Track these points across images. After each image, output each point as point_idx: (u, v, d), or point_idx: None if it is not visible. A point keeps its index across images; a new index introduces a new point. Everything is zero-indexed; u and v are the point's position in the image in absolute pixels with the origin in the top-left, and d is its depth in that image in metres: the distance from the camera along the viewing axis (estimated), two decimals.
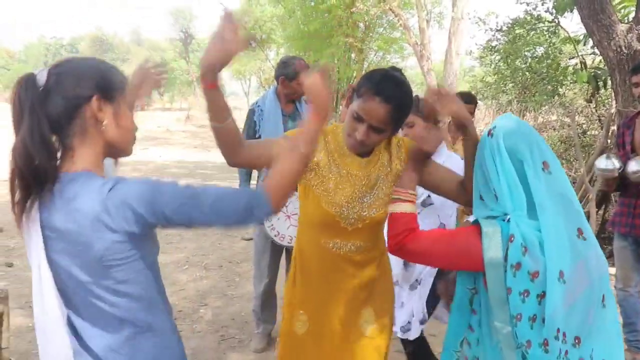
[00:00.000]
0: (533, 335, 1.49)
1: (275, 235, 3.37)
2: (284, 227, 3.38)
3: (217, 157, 13.47)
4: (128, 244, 1.27)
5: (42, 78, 1.25)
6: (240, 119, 4.20)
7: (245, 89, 55.01)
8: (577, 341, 1.50)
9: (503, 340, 1.54)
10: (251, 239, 5.13)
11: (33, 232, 1.26)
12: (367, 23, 17.66)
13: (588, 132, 7.63)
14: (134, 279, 1.32)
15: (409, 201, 1.74)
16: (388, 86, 1.72)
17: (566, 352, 1.49)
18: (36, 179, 1.23)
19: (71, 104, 1.26)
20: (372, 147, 1.86)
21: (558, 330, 1.47)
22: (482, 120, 11.08)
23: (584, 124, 7.83)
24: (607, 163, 3.46)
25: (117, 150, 1.39)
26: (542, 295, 1.48)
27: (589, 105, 7.55)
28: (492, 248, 1.50)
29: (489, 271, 1.51)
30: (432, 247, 1.64)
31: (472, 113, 4.44)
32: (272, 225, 3.37)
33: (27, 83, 1.24)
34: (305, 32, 17.57)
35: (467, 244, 1.57)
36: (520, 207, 1.53)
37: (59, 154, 1.29)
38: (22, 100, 1.23)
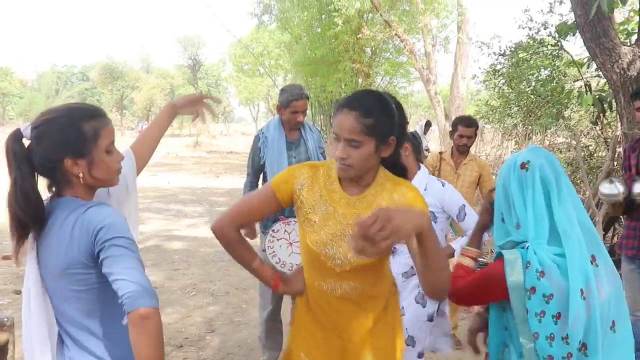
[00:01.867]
0: (554, 351, 1.64)
1: (276, 262, 3.33)
2: (286, 254, 3.35)
3: (225, 183, 13.33)
4: (90, 264, 1.45)
5: (27, 134, 1.48)
6: (248, 144, 4.24)
7: (254, 114, 55.49)
8: None
9: (526, 355, 1.71)
10: None
11: (30, 258, 1.53)
12: (373, 48, 17.79)
13: (595, 154, 7.60)
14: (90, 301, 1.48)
15: (473, 258, 1.97)
16: (355, 97, 1.70)
17: None
18: (27, 220, 1.47)
19: (48, 164, 1.49)
20: (359, 169, 1.70)
21: (584, 345, 1.64)
22: (490, 143, 11.07)
23: (590, 146, 7.81)
24: (611, 187, 3.44)
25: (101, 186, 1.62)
26: (557, 316, 1.63)
27: (595, 127, 7.54)
28: (513, 273, 1.67)
29: (512, 294, 1.68)
30: (465, 289, 1.83)
31: (474, 137, 4.44)
32: (274, 252, 3.34)
33: (14, 139, 1.49)
34: (312, 58, 17.71)
35: (492, 278, 1.74)
36: (541, 236, 1.69)
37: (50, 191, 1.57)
38: (11, 154, 1.48)
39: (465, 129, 4.31)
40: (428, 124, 11.00)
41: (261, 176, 3.73)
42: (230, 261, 6.71)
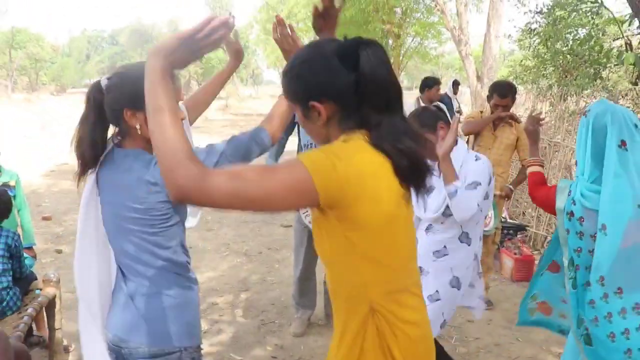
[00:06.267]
0: (580, 261, 2.08)
1: (309, 222, 3.40)
2: None
3: None
4: (168, 204, 1.62)
5: (104, 85, 1.66)
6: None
7: None
8: (619, 290, 1.96)
9: (565, 272, 2.14)
10: (290, 225, 5.19)
11: (89, 190, 1.73)
12: (403, 8, 17.47)
13: None
14: (168, 235, 1.67)
15: (540, 165, 2.46)
16: None
17: (605, 295, 1.97)
18: (87, 160, 1.67)
19: (113, 114, 1.64)
20: (316, 141, 1.39)
21: (602, 277, 1.96)
22: (522, 105, 10.82)
23: (629, 107, 7.58)
24: None
25: None
26: (593, 236, 2.01)
27: (634, 88, 7.30)
28: (560, 199, 2.10)
29: (558, 216, 2.11)
30: (537, 193, 2.36)
31: (510, 104, 4.27)
32: (307, 211, 3.39)
33: (94, 88, 1.68)
34: (341, 19, 17.31)
35: (550, 198, 2.18)
36: (587, 173, 2.04)
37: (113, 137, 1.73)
38: (88, 100, 1.67)
39: (500, 99, 4.18)
40: (456, 83, 10.20)
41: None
42: (262, 221, 6.85)
